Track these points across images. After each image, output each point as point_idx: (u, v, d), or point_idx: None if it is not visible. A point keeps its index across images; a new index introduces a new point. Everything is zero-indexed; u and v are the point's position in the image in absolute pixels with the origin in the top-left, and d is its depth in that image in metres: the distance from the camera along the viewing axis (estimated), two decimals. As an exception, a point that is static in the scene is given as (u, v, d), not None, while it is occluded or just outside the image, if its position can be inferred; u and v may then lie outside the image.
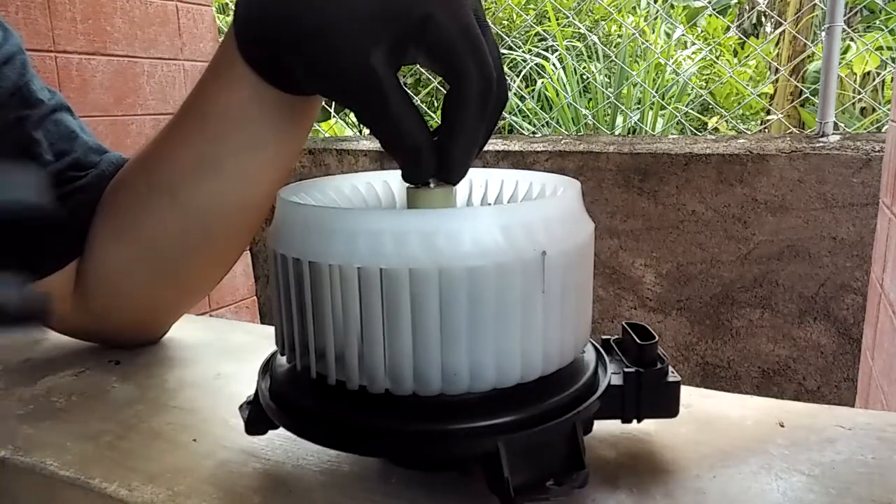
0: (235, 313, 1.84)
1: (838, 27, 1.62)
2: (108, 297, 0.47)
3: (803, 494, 0.29)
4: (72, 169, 0.47)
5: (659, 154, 1.66)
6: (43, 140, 0.46)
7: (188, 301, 0.50)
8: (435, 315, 0.26)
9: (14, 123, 0.45)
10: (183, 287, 0.48)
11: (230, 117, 0.40)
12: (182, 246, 0.44)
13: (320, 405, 0.29)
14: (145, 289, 0.47)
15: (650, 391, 0.31)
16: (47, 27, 1.38)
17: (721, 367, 1.69)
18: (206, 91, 0.41)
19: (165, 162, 0.43)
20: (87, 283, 0.47)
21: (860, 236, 1.51)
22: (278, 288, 0.30)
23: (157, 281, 0.46)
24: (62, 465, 0.34)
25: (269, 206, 0.43)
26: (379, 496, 0.30)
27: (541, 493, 0.26)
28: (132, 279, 0.46)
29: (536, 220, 0.27)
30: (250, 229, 0.46)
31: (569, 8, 2.96)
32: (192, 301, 0.50)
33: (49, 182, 0.45)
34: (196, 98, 0.42)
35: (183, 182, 0.42)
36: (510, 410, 0.27)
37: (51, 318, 0.47)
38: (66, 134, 0.48)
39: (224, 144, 0.41)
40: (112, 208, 0.46)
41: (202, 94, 0.41)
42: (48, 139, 0.47)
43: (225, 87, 0.39)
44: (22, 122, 0.46)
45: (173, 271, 0.46)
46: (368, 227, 0.27)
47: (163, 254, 0.45)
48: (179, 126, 0.43)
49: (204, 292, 0.51)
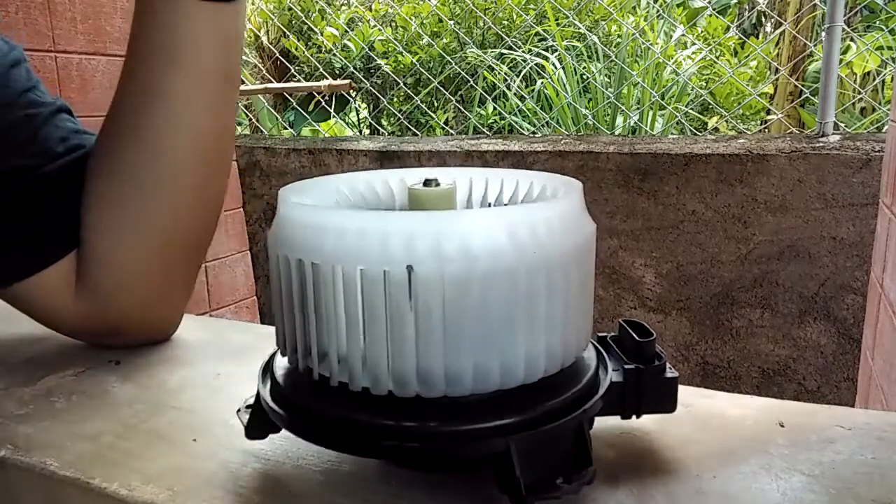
0: (235, 313, 1.84)
1: (838, 27, 1.62)
2: (108, 276, 0.48)
3: (803, 494, 0.29)
4: (81, 162, 0.49)
5: (659, 154, 1.66)
6: (53, 134, 0.49)
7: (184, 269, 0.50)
8: (439, 316, 0.26)
9: (24, 120, 0.48)
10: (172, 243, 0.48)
11: (172, 45, 0.44)
12: (152, 187, 0.46)
13: (324, 406, 0.29)
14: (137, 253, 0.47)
15: (649, 387, 0.31)
16: (47, 27, 1.38)
17: (721, 367, 1.69)
18: (145, 28, 0.45)
19: (123, 106, 0.47)
20: (87, 267, 0.48)
21: (860, 236, 1.51)
22: (280, 289, 0.30)
23: (146, 244, 0.47)
24: (62, 465, 0.34)
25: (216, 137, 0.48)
26: (379, 497, 0.30)
27: (551, 491, 0.26)
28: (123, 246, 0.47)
29: (540, 221, 0.27)
30: (208, 163, 0.48)
31: (569, 8, 2.96)
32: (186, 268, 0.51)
33: (59, 172, 0.48)
34: (137, 38, 0.46)
35: (140, 116, 0.46)
36: (518, 410, 0.27)
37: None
38: (73, 129, 0.50)
39: (170, 70, 0.45)
40: (90, 179, 0.48)
41: (142, 33, 0.45)
42: (58, 134, 0.49)
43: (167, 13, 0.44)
44: (32, 119, 0.48)
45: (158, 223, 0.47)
46: (372, 228, 0.26)
47: (142, 203, 0.47)
48: (128, 66, 0.47)
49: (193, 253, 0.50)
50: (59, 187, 0.47)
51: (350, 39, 3.24)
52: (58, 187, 0.47)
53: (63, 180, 0.47)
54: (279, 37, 3.62)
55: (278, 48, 3.66)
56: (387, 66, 3.06)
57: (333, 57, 3.23)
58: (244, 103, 3.56)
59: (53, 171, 0.47)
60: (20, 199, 0.47)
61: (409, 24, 3.10)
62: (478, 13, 3.08)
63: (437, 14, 3.06)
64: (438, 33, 3.11)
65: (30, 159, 0.47)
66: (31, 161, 0.47)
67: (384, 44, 3.18)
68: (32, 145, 0.48)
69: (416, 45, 3.07)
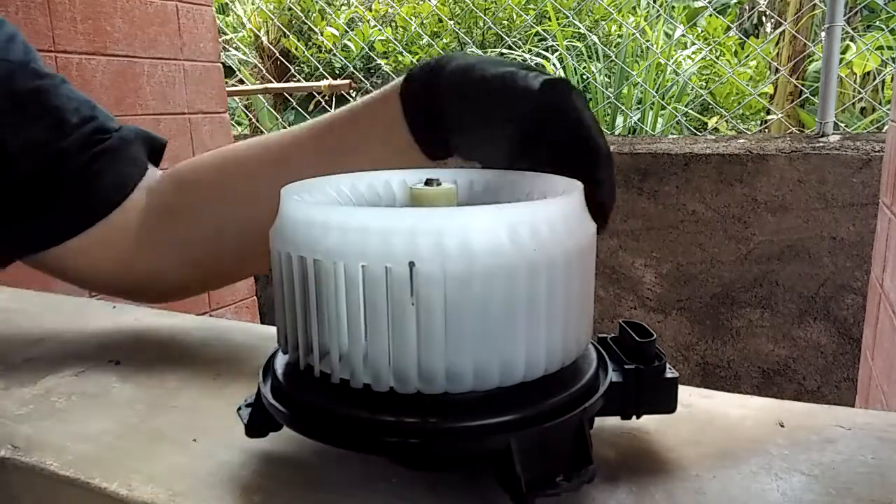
0: (235, 313, 1.84)
1: (838, 27, 1.62)
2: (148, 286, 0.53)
3: (803, 494, 0.29)
4: (97, 133, 0.50)
5: (659, 154, 1.66)
6: (66, 106, 0.50)
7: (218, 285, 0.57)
8: (440, 313, 0.26)
9: (34, 92, 0.49)
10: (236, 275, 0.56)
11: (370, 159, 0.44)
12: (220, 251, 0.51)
13: (325, 403, 0.29)
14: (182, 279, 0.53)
15: (649, 387, 0.31)
16: (47, 27, 1.38)
17: (721, 367, 1.69)
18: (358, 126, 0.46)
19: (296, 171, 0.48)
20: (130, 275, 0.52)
21: (860, 236, 1.51)
22: (282, 286, 0.30)
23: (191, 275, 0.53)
24: (62, 465, 0.34)
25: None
26: (380, 496, 0.30)
27: (551, 488, 0.26)
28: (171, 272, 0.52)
29: (541, 220, 0.27)
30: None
31: (569, 8, 2.96)
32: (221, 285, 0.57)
33: (81, 143, 0.49)
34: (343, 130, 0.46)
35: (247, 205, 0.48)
36: (519, 408, 0.27)
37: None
38: (83, 101, 0.51)
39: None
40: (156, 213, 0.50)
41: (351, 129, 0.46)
42: (70, 105, 0.50)
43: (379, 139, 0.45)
44: (42, 92, 0.49)
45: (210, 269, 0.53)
46: (374, 225, 0.27)
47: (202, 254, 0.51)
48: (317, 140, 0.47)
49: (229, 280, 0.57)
50: (82, 160, 0.49)
51: (350, 39, 3.24)
52: (80, 160, 0.49)
53: (84, 154, 0.49)
54: (279, 37, 3.62)
55: (278, 48, 3.66)
56: (387, 66, 3.06)
57: (333, 57, 3.23)
58: (244, 103, 3.56)
59: (75, 145, 0.49)
60: (42, 172, 0.48)
61: (409, 24, 3.10)
62: (478, 13, 3.09)
63: (437, 14, 3.06)
64: (438, 33, 3.11)
65: (45, 132, 0.48)
66: (48, 134, 0.48)
67: (384, 44, 3.18)
68: (46, 117, 0.49)
69: (416, 45, 3.07)
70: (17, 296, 0.63)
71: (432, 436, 0.27)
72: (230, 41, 3.75)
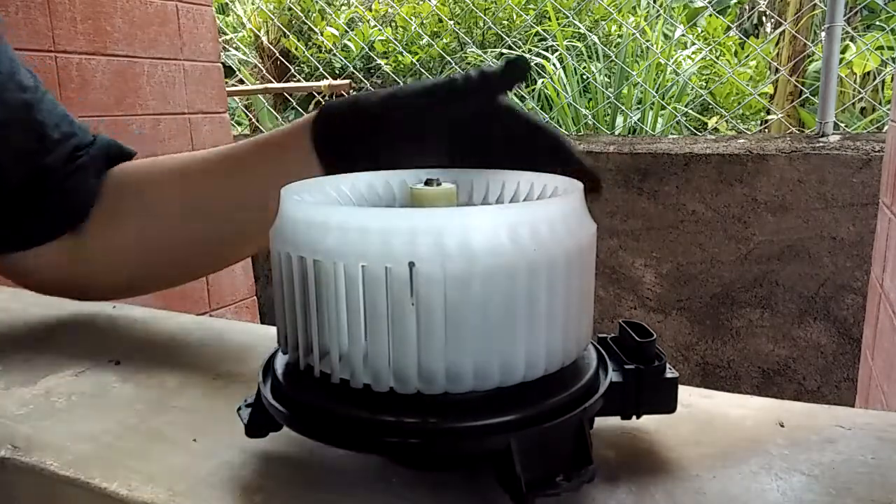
0: (235, 313, 1.84)
1: (838, 27, 1.62)
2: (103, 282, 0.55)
3: (803, 494, 0.29)
4: (76, 149, 0.52)
5: (659, 154, 1.66)
6: (48, 121, 0.51)
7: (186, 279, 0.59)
8: (440, 313, 0.26)
9: (22, 106, 0.50)
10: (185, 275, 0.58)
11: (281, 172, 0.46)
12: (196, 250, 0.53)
13: (325, 403, 0.29)
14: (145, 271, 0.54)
15: (649, 387, 0.31)
16: (47, 27, 1.38)
17: (721, 367, 1.69)
18: (266, 152, 0.50)
19: (206, 188, 0.51)
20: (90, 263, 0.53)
21: (860, 236, 1.52)
22: (282, 286, 0.30)
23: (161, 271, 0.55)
24: (62, 465, 0.34)
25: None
26: (380, 496, 0.30)
27: (551, 488, 0.26)
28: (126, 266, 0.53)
29: (541, 220, 0.27)
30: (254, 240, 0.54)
31: (569, 8, 2.96)
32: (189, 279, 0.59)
33: (63, 160, 0.51)
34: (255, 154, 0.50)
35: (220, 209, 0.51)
36: (519, 408, 0.27)
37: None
38: (62, 115, 0.53)
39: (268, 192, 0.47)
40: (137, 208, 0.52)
41: (262, 153, 0.50)
42: (51, 121, 0.52)
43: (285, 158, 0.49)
44: (27, 107, 0.51)
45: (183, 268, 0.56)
46: (374, 225, 0.27)
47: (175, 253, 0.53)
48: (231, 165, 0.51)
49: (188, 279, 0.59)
50: (61, 177, 0.51)
51: (350, 39, 3.25)
52: (59, 177, 0.51)
53: (64, 170, 0.51)
54: (279, 37, 3.63)
55: (278, 48, 3.66)
56: (387, 66, 3.06)
57: (333, 57, 3.23)
58: (244, 103, 3.56)
59: (57, 161, 0.51)
60: (29, 183, 0.50)
61: (409, 24, 3.10)
62: (478, 13, 3.09)
63: (437, 14, 3.06)
64: (438, 33, 3.11)
65: (30, 144, 0.50)
66: (33, 145, 0.50)
67: (384, 44, 3.18)
68: (31, 130, 0.50)
69: (416, 45, 3.07)
70: (17, 296, 0.63)
71: (432, 436, 0.27)
72: (230, 41, 3.76)
